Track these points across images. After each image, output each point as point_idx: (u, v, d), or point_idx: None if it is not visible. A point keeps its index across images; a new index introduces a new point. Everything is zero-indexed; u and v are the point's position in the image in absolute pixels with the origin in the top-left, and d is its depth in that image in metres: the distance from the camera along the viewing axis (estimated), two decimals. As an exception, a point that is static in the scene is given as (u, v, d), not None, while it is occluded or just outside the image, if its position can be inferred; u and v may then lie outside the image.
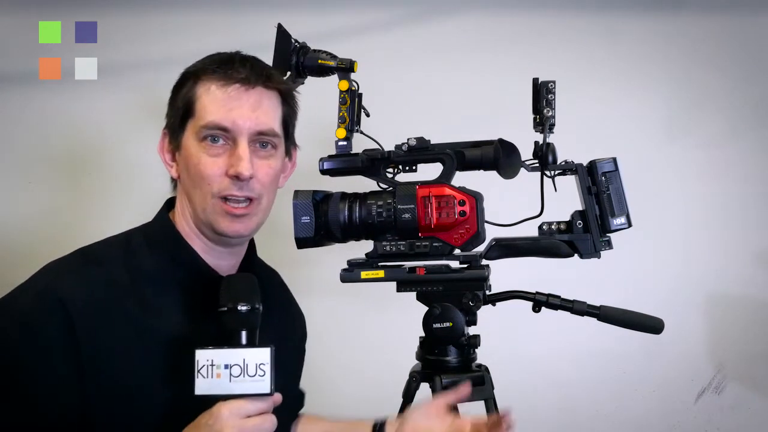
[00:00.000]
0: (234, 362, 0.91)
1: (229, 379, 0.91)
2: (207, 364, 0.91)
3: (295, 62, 1.37)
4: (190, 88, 1.12)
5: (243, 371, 0.91)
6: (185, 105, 1.12)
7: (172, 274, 1.12)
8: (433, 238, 1.32)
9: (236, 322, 0.96)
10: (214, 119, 1.09)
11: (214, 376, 0.91)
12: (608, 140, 1.87)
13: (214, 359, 0.91)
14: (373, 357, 1.98)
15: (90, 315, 1.01)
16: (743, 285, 2.14)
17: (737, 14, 2.13)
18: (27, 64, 1.92)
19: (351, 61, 1.36)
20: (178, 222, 1.17)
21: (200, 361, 0.91)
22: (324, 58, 1.37)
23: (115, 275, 1.07)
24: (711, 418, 2.17)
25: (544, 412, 2.14)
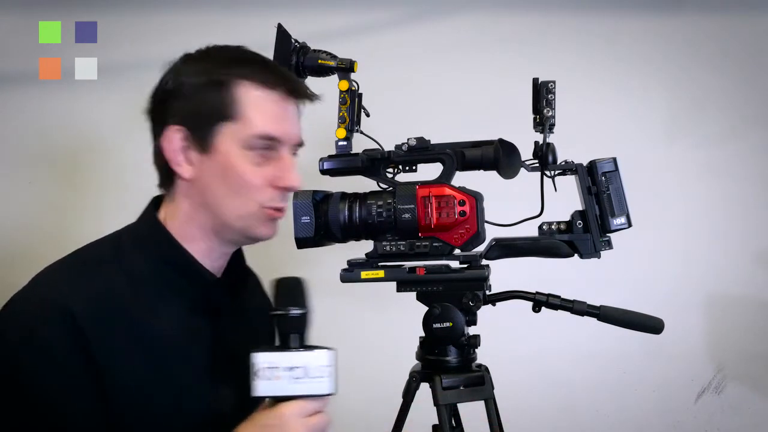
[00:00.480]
0: (296, 365, 0.94)
1: (291, 381, 0.94)
2: (266, 366, 0.93)
3: (295, 62, 1.37)
4: (228, 91, 1.06)
5: (305, 373, 0.94)
6: (221, 106, 1.06)
7: (166, 276, 1.08)
8: (433, 238, 1.32)
9: (290, 326, 0.98)
10: (269, 131, 1.07)
11: (274, 378, 0.93)
12: (608, 140, 1.87)
13: (275, 362, 0.94)
14: (373, 357, 1.98)
15: (98, 322, 0.98)
16: (743, 285, 2.14)
17: (737, 14, 2.13)
18: (27, 64, 1.92)
19: (351, 61, 1.36)
20: (171, 223, 1.11)
21: (257, 363, 0.93)
22: (324, 58, 1.37)
23: (114, 280, 1.03)
24: (711, 418, 2.17)
25: (544, 412, 2.14)
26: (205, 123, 1.06)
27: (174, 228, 1.10)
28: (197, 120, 1.06)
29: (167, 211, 1.12)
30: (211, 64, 1.08)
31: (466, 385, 1.34)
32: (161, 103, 1.09)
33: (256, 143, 1.07)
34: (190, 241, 1.10)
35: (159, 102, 1.10)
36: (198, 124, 1.06)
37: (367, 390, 1.90)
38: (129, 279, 1.04)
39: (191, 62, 1.09)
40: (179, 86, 1.07)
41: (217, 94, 1.06)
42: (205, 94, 1.06)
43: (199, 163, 1.07)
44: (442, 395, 1.32)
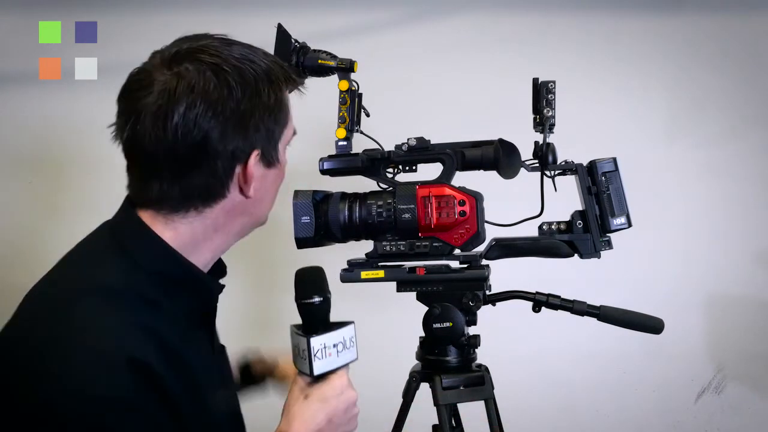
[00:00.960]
0: (338, 341, 1.05)
1: (337, 354, 1.05)
2: (321, 348, 1.03)
3: (295, 62, 1.37)
4: (283, 99, 1.01)
5: (344, 346, 1.06)
6: (285, 120, 1.01)
7: (181, 297, 0.98)
8: (433, 238, 1.32)
9: (326, 310, 1.07)
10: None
11: (326, 356, 1.04)
12: (608, 140, 1.87)
13: (326, 342, 1.04)
14: (373, 357, 1.98)
15: (164, 361, 0.88)
16: (743, 285, 2.14)
17: (737, 14, 2.13)
18: (27, 64, 1.92)
19: (351, 61, 1.36)
20: (179, 239, 0.98)
21: (315, 346, 1.02)
22: (324, 58, 1.37)
23: (143, 312, 0.92)
24: (711, 418, 2.17)
25: (544, 412, 2.14)
26: (275, 139, 1.00)
27: (184, 240, 0.98)
28: (269, 138, 0.98)
29: (177, 227, 0.98)
30: (273, 73, 0.98)
31: (466, 385, 1.34)
32: (239, 126, 0.94)
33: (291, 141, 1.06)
34: (197, 253, 1.00)
35: (213, 135, 0.93)
36: (269, 142, 0.99)
37: (367, 390, 1.90)
38: (152, 307, 0.93)
39: (249, 75, 0.96)
40: (252, 108, 0.95)
41: (281, 108, 0.99)
42: (274, 109, 0.98)
43: (261, 178, 0.99)
44: (442, 395, 1.32)
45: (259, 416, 1.18)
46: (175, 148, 0.91)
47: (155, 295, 0.93)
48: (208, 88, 0.91)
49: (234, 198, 0.98)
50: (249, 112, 0.95)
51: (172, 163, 0.93)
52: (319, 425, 1.02)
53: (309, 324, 1.06)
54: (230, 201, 0.98)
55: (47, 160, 2.06)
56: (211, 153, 0.93)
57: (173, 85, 0.91)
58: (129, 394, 0.83)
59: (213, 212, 0.98)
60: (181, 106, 0.90)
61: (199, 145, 0.92)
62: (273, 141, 0.99)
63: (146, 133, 0.91)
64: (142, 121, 0.91)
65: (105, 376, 0.83)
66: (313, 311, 1.06)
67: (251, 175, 0.97)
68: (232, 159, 0.95)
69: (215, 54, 0.94)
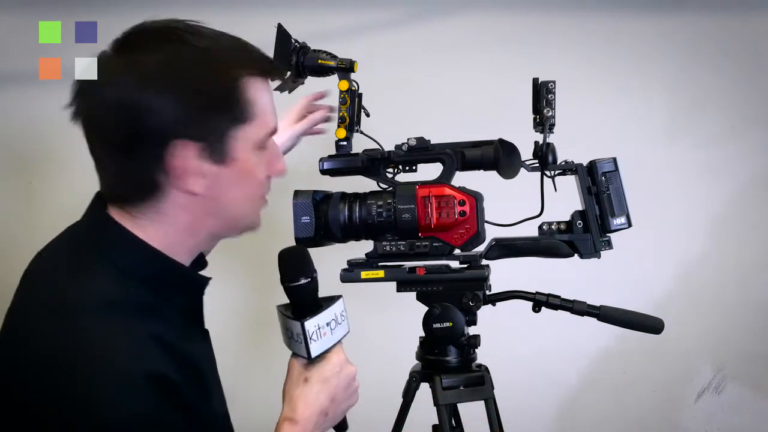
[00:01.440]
0: (331, 318, 1.05)
1: (331, 332, 1.04)
2: (315, 329, 1.02)
3: (295, 62, 1.37)
4: (238, 89, 0.92)
5: (337, 322, 1.06)
6: (235, 111, 0.92)
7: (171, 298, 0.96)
8: (433, 238, 1.32)
9: (314, 289, 1.06)
10: (275, 125, 0.98)
11: (322, 336, 1.03)
12: (608, 140, 1.87)
13: (319, 323, 1.03)
14: (373, 357, 1.98)
15: (176, 369, 0.87)
16: (743, 285, 2.14)
17: (737, 14, 2.13)
18: (27, 64, 1.92)
19: (351, 61, 1.36)
20: (154, 237, 0.94)
21: (310, 329, 1.01)
22: (324, 58, 1.37)
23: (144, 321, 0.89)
24: (711, 418, 2.17)
25: (544, 412, 2.14)
26: (219, 133, 0.92)
27: (158, 241, 0.95)
28: (207, 131, 0.91)
29: (146, 228, 0.94)
30: (228, 64, 0.92)
31: (466, 385, 1.34)
32: (150, 115, 0.88)
33: (267, 141, 0.98)
34: (177, 253, 0.97)
35: (143, 113, 0.88)
36: (210, 134, 0.91)
37: (367, 390, 1.90)
38: (151, 313, 0.91)
39: (188, 60, 0.92)
40: (179, 92, 0.89)
41: (230, 97, 0.92)
42: (215, 98, 0.91)
43: (215, 176, 0.93)
44: (442, 395, 1.32)
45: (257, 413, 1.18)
46: (105, 129, 0.92)
47: (151, 301, 0.91)
48: (145, 73, 0.89)
49: (181, 195, 0.92)
50: (180, 100, 0.89)
51: (105, 146, 0.93)
52: (323, 405, 1.02)
53: (299, 306, 1.05)
54: (179, 198, 0.92)
55: (47, 160, 2.06)
56: (139, 137, 0.89)
57: (114, 65, 0.94)
58: (150, 410, 0.82)
59: (167, 210, 0.93)
60: (113, 87, 0.91)
61: (126, 127, 0.89)
62: (216, 134, 0.91)
63: (85, 117, 0.95)
64: (85, 103, 0.96)
65: (127, 396, 0.81)
66: (302, 293, 1.04)
67: (179, 168, 0.90)
68: (155, 146, 0.89)
69: (169, 39, 0.93)
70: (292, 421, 1.00)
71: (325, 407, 1.02)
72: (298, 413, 1.00)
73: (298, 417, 1.00)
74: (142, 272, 0.92)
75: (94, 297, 0.88)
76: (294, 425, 1.00)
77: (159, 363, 0.85)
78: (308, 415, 1.00)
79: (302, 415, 1.00)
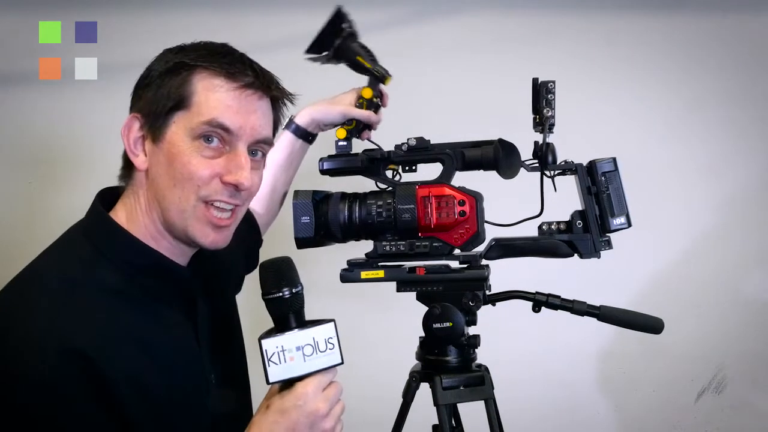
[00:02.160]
0: (305, 342, 0.94)
1: (303, 359, 0.94)
2: (277, 351, 0.93)
3: (337, 45, 1.35)
4: (186, 79, 1.00)
5: (314, 349, 0.95)
6: (177, 95, 1.00)
7: (144, 284, 1.00)
8: (433, 238, 1.32)
9: (288, 306, 0.97)
10: (218, 118, 0.99)
11: (287, 360, 0.93)
12: (608, 140, 1.86)
13: (284, 344, 0.94)
14: (373, 357, 1.98)
15: (114, 357, 0.90)
16: (743, 285, 2.14)
17: (737, 14, 2.13)
18: (27, 64, 1.92)
19: (385, 73, 1.35)
20: (130, 220, 1.03)
21: (269, 350, 0.93)
22: (363, 56, 1.35)
23: (103, 302, 0.94)
24: (711, 418, 2.17)
25: (543, 412, 2.14)
26: (160, 111, 1.00)
27: (136, 225, 1.03)
28: (155, 108, 1.01)
29: (127, 208, 1.05)
30: (179, 54, 1.03)
31: (466, 385, 1.34)
32: (133, 93, 1.05)
33: (204, 130, 0.99)
34: (155, 240, 1.03)
35: (133, 92, 1.05)
36: (155, 111, 1.01)
37: (367, 390, 1.90)
38: (112, 297, 0.95)
39: (165, 53, 1.05)
40: (146, 75, 1.03)
41: (174, 81, 1.00)
42: (165, 81, 1.01)
43: (152, 154, 1.02)
44: (442, 395, 1.32)
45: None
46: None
47: (120, 285, 0.97)
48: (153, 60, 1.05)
49: (137, 175, 1.04)
50: (144, 76, 1.04)
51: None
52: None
53: (276, 322, 0.97)
54: (138, 177, 1.04)
55: (47, 160, 2.06)
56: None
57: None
58: (65, 387, 0.87)
59: (137, 189, 1.04)
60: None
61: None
62: (156, 112, 1.01)
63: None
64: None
65: (46, 365, 0.87)
66: (277, 308, 0.97)
67: (126, 137, 1.02)
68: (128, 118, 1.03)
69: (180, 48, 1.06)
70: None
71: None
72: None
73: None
74: (121, 259, 0.99)
75: (50, 271, 0.97)
76: None
77: (87, 342, 0.89)
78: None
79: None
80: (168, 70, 1.01)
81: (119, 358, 0.91)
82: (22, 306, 0.93)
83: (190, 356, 1.04)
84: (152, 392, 0.94)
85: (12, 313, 0.92)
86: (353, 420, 1.13)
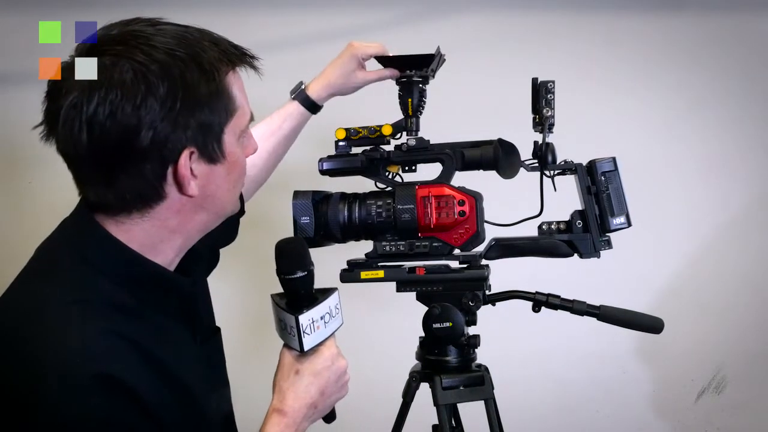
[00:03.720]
0: (325, 312, 1.05)
1: (324, 325, 1.05)
2: (309, 323, 1.02)
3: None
4: (224, 87, 0.91)
5: (330, 315, 1.06)
6: (224, 109, 0.91)
7: (150, 301, 0.94)
8: (433, 238, 1.32)
9: (309, 283, 1.05)
10: (251, 110, 0.97)
11: (315, 329, 1.03)
12: (608, 140, 1.87)
13: (314, 316, 1.03)
14: (373, 357, 1.98)
15: (146, 379, 0.86)
16: (743, 284, 2.14)
17: (737, 14, 2.13)
18: (27, 64, 1.92)
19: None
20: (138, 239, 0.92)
21: (304, 323, 1.01)
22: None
23: (121, 324, 0.88)
24: (711, 418, 2.17)
25: (543, 412, 2.14)
26: (215, 133, 0.91)
27: (140, 242, 0.93)
28: (205, 134, 0.89)
29: (130, 230, 0.92)
30: (209, 60, 0.90)
31: (466, 385, 1.34)
32: (171, 120, 0.86)
33: (247, 127, 0.97)
34: (158, 253, 0.95)
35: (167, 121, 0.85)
36: (206, 137, 0.90)
37: (367, 390, 1.90)
38: (125, 317, 0.89)
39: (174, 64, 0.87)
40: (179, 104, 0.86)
41: (219, 97, 0.90)
42: (209, 101, 0.89)
43: (206, 175, 0.92)
44: (442, 395, 1.32)
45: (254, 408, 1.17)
46: (92, 151, 0.85)
47: (122, 300, 0.90)
48: (125, 83, 0.83)
49: (176, 198, 0.91)
50: (175, 107, 0.85)
51: (95, 167, 0.87)
52: (313, 398, 1.03)
53: (294, 298, 1.04)
54: (174, 202, 0.91)
55: (47, 160, 2.05)
56: (134, 155, 0.85)
57: (88, 80, 0.84)
58: (95, 412, 0.81)
59: (158, 213, 0.91)
60: (93, 103, 0.83)
61: (118, 146, 0.84)
62: (213, 135, 0.90)
63: (61, 134, 0.86)
64: (60, 122, 0.85)
65: (71, 398, 0.80)
66: (298, 286, 1.04)
67: (185, 176, 0.88)
68: (161, 159, 0.87)
69: (137, 45, 0.86)
70: (281, 413, 1.01)
71: (315, 400, 1.03)
72: (287, 405, 1.01)
73: (287, 408, 1.01)
74: (117, 273, 0.90)
75: (57, 295, 0.87)
76: (283, 416, 1.01)
77: (114, 363, 0.83)
78: (297, 407, 1.01)
79: (291, 406, 1.01)
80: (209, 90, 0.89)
81: (142, 375, 0.87)
82: (48, 336, 0.83)
83: (195, 364, 1.03)
84: (172, 407, 0.91)
85: (40, 345, 0.83)
86: (353, 420, 1.14)
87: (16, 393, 0.82)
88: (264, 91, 1.15)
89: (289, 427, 1.00)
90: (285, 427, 1.00)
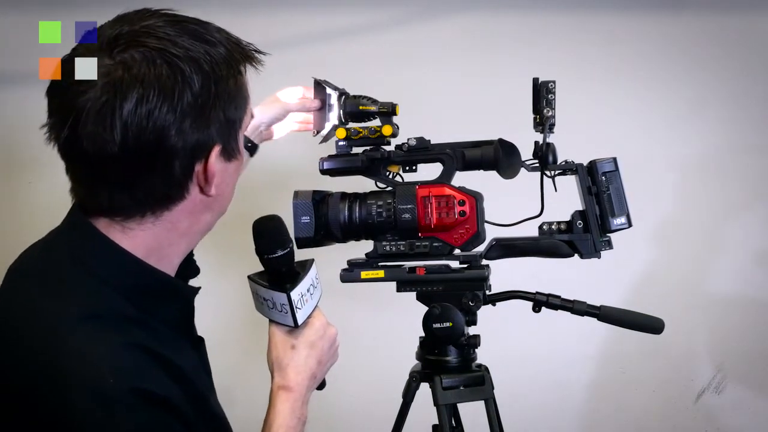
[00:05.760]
0: (309, 284, 1.07)
1: (310, 297, 1.07)
2: (299, 297, 1.04)
3: (337, 111, 1.37)
4: (240, 82, 0.89)
5: (313, 286, 1.08)
6: (245, 102, 0.90)
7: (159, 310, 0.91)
8: (433, 238, 1.32)
9: (292, 259, 1.06)
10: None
11: (305, 303, 1.05)
12: (608, 140, 1.87)
13: (302, 291, 1.05)
14: (373, 357, 1.99)
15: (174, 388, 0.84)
16: (743, 285, 2.14)
17: (737, 14, 2.13)
18: (27, 64, 1.92)
19: (392, 105, 1.35)
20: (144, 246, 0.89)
21: (295, 298, 1.03)
22: (365, 104, 1.35)
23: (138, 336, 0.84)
24: (711, 418, 2.17)
25: (543, 412, 2.14)
26: (236, 130, 0.90)
27: (147, 248, 0.89)
28: (230, 130, 0.88)
29: (135, 235, 0.88)
30: (233, 57, 0.87)
31: (466, 385, 1.34)
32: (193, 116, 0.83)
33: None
34: (164, 260, 0.92)
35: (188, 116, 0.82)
36: (230, 133, 0.88)
37: (367, 390, 1.90)
38: (136, 327, 0.86)
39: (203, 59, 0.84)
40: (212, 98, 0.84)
41: (241, 94, 0.89)
42: (236, 97, 0.88)
43: (221, 172, 0.89)
44: (442, 395, 1.32)
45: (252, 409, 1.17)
46: (124, 151, 0.79)
47: (128, 310, 0.86)
48: (161, 79, 0.79)
49: (195, 198, 0.88)
50: (208, 103, 0.83)
51: (122, 168, 0.82)
52: (312, 369, 1.05)
53: (276, 276, 1.05)
54: (191, 202, 0.88)
55: (47, 160, 2.05)
56: (167, 153, 0.82)
57: (119, 76, 0.78)
58: (141, 426, 0.79)
59: (173, 215, 0.88)
60: (130, 102, 0.78)
61: (153, 145, 0.80)
62: (234, 132, 0.89)
63: (90, 134, 0.79)
64: (84, 120, 0.79)
65: (113, 417, 0.77)
66: (280, 264, 1.05)
67: (213, 173, 0.86)
68: (192, 157, 0.84)
69: (163, 38, 0.82)
70: (287, 389, 1.02)
71: (314, 370, 1.05)
72: (291, 380, 1.03)
73: (292, 383, 1.02)
74: (125, 284, 0.86)
75: (68, 313, 0.82)
76: (289, 392, 1.02)
77: (144, 377, 0.80)
78: (300, 380, 1.03)
79: (295, 381, 1.03)
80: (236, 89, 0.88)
81: (169, 384, 0.85)
82: (72, 357, 0.79)
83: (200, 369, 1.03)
84: (195, 413, 0.89)
85: (67, 367, 0.78)
86: (353, 420, 1.14)
87: (50, 418, 0.78)
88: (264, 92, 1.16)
89: (297, 401, 1.02)
90: (294, 402, 1.02)
